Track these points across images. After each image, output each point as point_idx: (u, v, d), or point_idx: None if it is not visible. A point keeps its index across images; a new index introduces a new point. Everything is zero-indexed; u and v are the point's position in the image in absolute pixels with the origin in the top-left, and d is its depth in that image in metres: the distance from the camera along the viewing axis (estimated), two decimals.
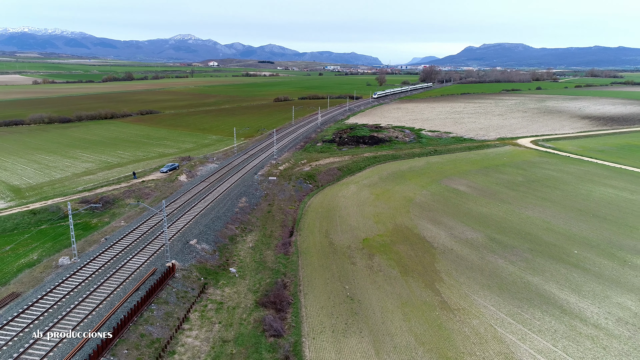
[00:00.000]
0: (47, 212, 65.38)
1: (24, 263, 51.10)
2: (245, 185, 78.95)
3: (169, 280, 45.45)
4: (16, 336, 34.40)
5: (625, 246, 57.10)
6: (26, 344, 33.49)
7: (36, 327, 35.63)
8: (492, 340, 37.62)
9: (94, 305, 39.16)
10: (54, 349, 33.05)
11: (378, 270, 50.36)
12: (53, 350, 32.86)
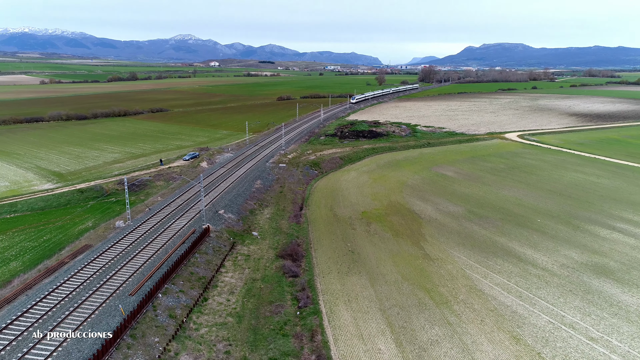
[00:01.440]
0: (93, 191, 76.62)
1: (83, 228, 62.20)
2: (259, 170, 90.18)
3: (206, 238, 56.58)
4: (100, 270, 45.51)
5: (580, 216, 68.23)
6: (108, 275, 44.59)
7: (112, 267, 46.74)
8: (461, 277, 48.71)
9: (152, 252, 50.31)
10: (129, 278, 44.14)
11: (374, 233, 61.50)
12: (131, 277, 43.99)
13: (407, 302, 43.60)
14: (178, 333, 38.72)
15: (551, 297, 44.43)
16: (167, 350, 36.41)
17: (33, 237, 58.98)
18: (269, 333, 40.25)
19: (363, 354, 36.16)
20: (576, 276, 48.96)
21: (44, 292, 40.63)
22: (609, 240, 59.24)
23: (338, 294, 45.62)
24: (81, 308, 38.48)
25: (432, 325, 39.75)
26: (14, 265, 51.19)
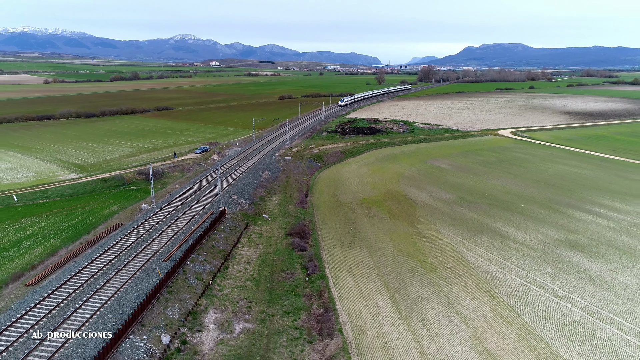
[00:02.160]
0: (115, 180, 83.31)
1: (110, 212, 68.86)
2: (266, 162, 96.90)
3: (223, 219, 63.27)
4: (134, 242, 52.21)
5: (560, 202, 74.99)
6: (142, 246, 51.29)
7: (144, 240, 53.43)
8: (449, 251, 55.44)
9: (178, 229, 57.02)
10: (161, 249, 50.83)
11: (373, 216, 68.22)
12: (162, 248, 50.70)
13: (401, 269, 50.32)
14: (206, 292, 45.45)
15: (526, 266, 51.16)
16: (198, 304, 43.14)
17: (66, 219, 65.67)
18: (282, 293, 46.98)
19: (363, 307, 42.86)
20: (550, 250, 55.71)
21: (90, 259, 47.32)
22: (584, 221, 66.03)
23: (341, 264, 52.35)
24: (124, 271, 45.18)
25: (422, 287, 46.47)
26: (54, 241, 57.85)
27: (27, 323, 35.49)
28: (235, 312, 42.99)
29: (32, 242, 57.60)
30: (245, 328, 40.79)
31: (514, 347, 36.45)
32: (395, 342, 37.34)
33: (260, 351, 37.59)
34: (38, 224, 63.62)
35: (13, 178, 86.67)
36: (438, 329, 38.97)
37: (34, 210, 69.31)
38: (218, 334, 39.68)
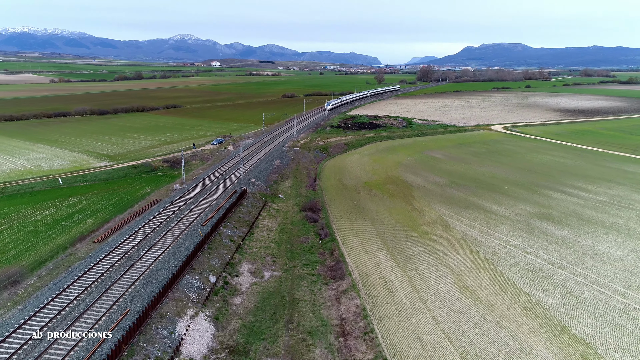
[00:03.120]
0: (143, 167, 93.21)
1: (144, 192, 78.72)
2: (276, 153, 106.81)
3: (245, 197, 73.15)
4: (174, 212, 62.12)
5: (539, 185, 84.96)
6: (182, 215, 61.16)
7: (182, 211, 63.29)
8: (439, 221, 65.33)
9: (209, 203, 66.93)
10: (197, 217, 60.74)
11: (375, 195, 78.11)
12: (199, 216, 60.61)
13: (398, 234, 60.22)
14: (238, 250, 55.36)
15: (503, 232, 61.07)
16: (233, 258, 53.04)
17: (108, 198, 75.54)
18: (301, 252, 56.89)
19: (368, 260, 52.74)
20: (525, 220, 65.64)
21: (141, 224, 57.20)
22: (557, 199, 75.98)
23: (348, 230, 62.26)
24: (172, 232, 55.07)
25: (415, 246, 56.38)
26: (102, 214, 67.69)
27: (105, 265, 45.39)
28: (263, 264, 52.91)
29: (83, 215, 67.45)
30: (273, 275, 50.70)
31: (487, 285, 46.33)
32: (393, 281, 47.24)
33: (286, 289, 47.50)
34: (84, 202, 73.48)
35: (51, 165, 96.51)
36: (427, 274, 48.88)
37: (77, 191, 79.17)
38: (252, 278, 49.60)
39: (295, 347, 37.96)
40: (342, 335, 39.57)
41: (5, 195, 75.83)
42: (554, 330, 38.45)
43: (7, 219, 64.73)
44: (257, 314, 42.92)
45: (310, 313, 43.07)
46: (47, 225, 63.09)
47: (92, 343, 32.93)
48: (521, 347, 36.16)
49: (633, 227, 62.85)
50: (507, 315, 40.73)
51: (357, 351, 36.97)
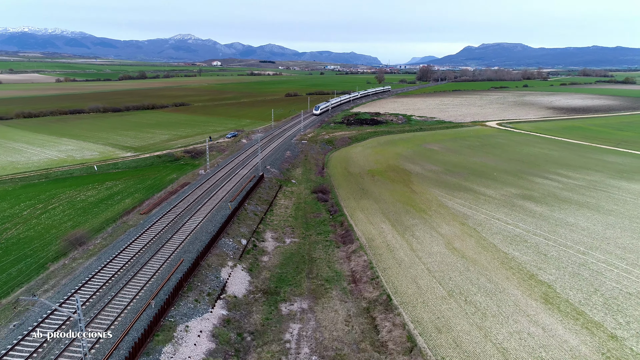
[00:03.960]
0: (167, 157, 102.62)
1: (170, 178, 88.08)
2: (287, 145, 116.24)
3: (262, 181, 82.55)
4: (204, 192, 71.51)
5: (525, 172, 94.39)
6: (211, 194, 70.57)
7: (210, 191, 72.69)
8: (434, 200, 74.72)
9: (233, 185, 76.35)
10: (225, 195, 70.14)
11: (377, 180, 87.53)
12: (226, 195, 70.00)
13: (398, 210, 69.62)
14: (262, 222, 64.79)
15: (489, 208, 70.48)
16: (258, 227, 62.46)
17: (140, 182, 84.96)
18: (315, 224, 66.31)
19: (372, 229, 62.14)
20: (509, 199, 75.06)
21: (178, 200, 66.61)
22: (539, 184, 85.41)
23: (355, 207, 71.68)
24: (205, 206, 64.51)
25: (413, 219, 65.78)
26: (138, 195, 77.07)
27: (156, 230, 54.81)
28: (284, 232, 62.34)
29: (122, 196, 76.87)
30: (293, 241, 60.13)
31: (472, 247, 55.72)
32: (394, 244, 56.67)
33: (305, 251, 56.93)
34: (120, 185, 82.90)
35: (82, 156, 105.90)
36: (423, 239, 58.30)
37: (111, 177, 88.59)
38: (275, 243, 59.04)
39: (316, 290, 47.35)
40: (353, 282, 49.00)
41: (49, 179, 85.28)
42: (523, 277, 47.87)
43: (57, 199, 74.17)
44: (283, 268, 52.35)
45: (326, 267, 52.49)
46: (92, 203, 72.52)
47: (160, 279, 42.37)
48: (496, 287, 45.58)
49: (602, 205, 72.29)
50: (487, 267, 50.15)
51: (365, 291, 46.41)
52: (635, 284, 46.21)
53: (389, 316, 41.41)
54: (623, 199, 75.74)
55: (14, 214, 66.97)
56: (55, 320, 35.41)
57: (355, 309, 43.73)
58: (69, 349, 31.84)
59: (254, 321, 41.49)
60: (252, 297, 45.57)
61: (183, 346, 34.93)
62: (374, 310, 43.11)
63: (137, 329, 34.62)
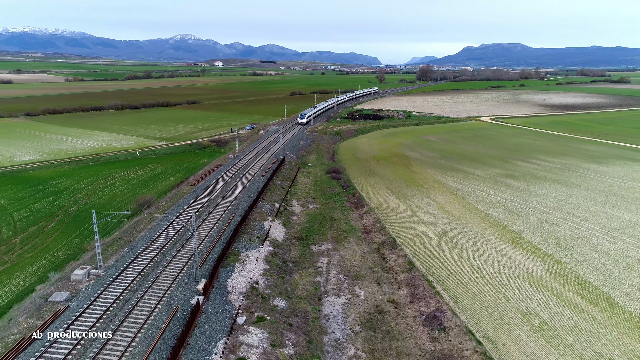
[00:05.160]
0: (196, 145, 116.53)
1: (203, 162, 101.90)
2: (300, 136, 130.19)
3: (283, 164, 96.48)
4: (238, 170, 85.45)
5: (511, 157, 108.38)
6: (244, 172, 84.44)
7: (242, 170, 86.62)
8: (431, 178, 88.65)
9: (260, 166, 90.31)
10: (256, 173, 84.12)
11: (382, 164, 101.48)
12: (257, 172, 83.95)
13: (400, 185, 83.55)
14: (288, 193, 78.74)
15: (476, 183, 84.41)
16: (286, 196, 76.44)
17: (178, 165, 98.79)
18: (331, 195, 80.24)
19: (379, 198, 76.05)
20: (493, 177, 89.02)
21: (218, 176, 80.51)
22: (521, 166, 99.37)
23: (364, 183, 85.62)
24: (242, 180, 78.47)
25: (412, 191, 79.68)
26: (179, 175, 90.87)
27: (209, 194, 68.72)
28: (307, 201, 76.32)
29: (165, 175, 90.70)
30: (314, 207, 74.09)
31: (459, 209, 69.62)
32: (397, 207, 70.60)
33: (325, 213, 70.88)
34: (161, 167, 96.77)
35: (120, 144, 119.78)
36: (420, 204, 72.25)
37: (152, 161, 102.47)
38: (301, 208, 72.99)
39: (337, 237, 61.29)
40: (365, 232, 62.96)
41: (100, 162, 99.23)
42: (498, 227, 61.81)
43: (112, 177, 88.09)
44: (309, 223, 66.30)
45: (343, 223, 66.46)
46: (142, 181, 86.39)
47: (222, 224, 56.33)
48: (476, 234, 59.51)
49: (571, 181, 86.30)
50: (470, 222, 64.09)
51: (375, 237, 60.36)
52: (583, 232, 60.17)
53: (394, 251, 55.38)
54: (589, 177, 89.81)
55: (82, 188, 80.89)
56: (174, 231, 49.41)
57: (368, 248, 57.70)
58: (186, 245, 45.88)
59: (293, 255, 55.46)
60: (289, 241, 59.53)
61: (247, 265, 48.91)
62: (382, 248, 57.10)
63: (215, 251, 48.62)
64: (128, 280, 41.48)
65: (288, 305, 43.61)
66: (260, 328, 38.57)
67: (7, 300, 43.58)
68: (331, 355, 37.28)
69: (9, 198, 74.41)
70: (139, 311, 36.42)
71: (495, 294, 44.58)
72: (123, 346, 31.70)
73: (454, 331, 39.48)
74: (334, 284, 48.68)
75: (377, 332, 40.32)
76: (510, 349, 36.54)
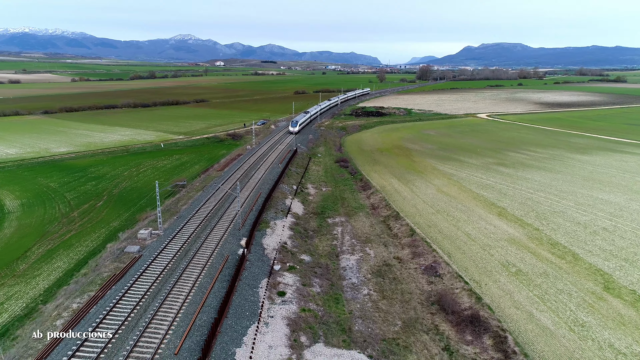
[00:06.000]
0: (214, 138, 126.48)
1: (222, 153, 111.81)
2: (308, 130, 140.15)
3: (296, 154, 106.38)
4: (257, 158, 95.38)
5: (503, 149, 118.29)
6: (263, 160, 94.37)
7: (262, 158, 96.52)
8: (429, 166, 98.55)
9: (276, 155, 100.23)
10: (273, 160, 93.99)
11: (385, 154, 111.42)
12: (274, 160, 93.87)
13: (402, 172, 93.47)
14: (302, 177, 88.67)
15: (470, 170, 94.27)
16: (301, 180, 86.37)
17: (199, 156, 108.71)
18: (341, 180, 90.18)
19: (384, 182, 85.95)
20: (486, 165, 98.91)
21: (241, 163, 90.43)
22: (512, 156, 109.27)
23: (370, 170, 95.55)
24: (262, 166, 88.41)
25: (413, 176, 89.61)
26: (202, 163, 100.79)
27: (236, 177, 78.68)
28: (320, 184, 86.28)
29: (190, 164, 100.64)
30: (327, 189, 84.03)
31: (455, 190, 79.50)
32: (400, 189, 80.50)
33: (337, 194, 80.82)
34: (185, 157, 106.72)
35: (144, 138, 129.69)
36: (420, 186, 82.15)
37: (176, 152, 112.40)
38: (315, 190, 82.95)
39: (348, 212, 71.21)
40: (372, 209, 72.89)
41: (130, 153, 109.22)
42: (487, 204, 71.71)
43: (143, 165, 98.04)
44: (323, 202, 76.22)
45: (353, 202, 76.39)
46: (171, 168, 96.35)
47: (252, 200, 66.31)
48: (468, 209, 69.40)
49: (555, 168, 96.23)
50: (463, 200, 74.00)
51: (381, 212, 70.30)
52: (560, 207, 70.06)
53: (398, 222, 65.32)
54: (572, 164, 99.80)
55: (118, 174, 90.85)
56: (212, 205, 59.36)
57: (375, 220, 67.65)
58: (226, 214, 55.85)
59: (312, 225, 65.41)
60: (307, 215, 69.45)
61: (276, 230, 58.86)
62: (388, 220, 67.05)
63: (250, 219, 58.60)
64: (184, 238, 51.37)
65: (312, 260, 53.53)
66: (292, 273, 48.50)
67: (83, 255, 53.57)
68: (349, 294, 47.19)
69: (58, 182, 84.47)
70: (199, 258, 46.36)
71: (481, 251, 54.51)
72: (194, 277, 41.64)
73: (447, 276, 49.41)
74: (348, 246, 58.61)
75: (385, 279, 50.24)
76: (491, 287, 46.46)
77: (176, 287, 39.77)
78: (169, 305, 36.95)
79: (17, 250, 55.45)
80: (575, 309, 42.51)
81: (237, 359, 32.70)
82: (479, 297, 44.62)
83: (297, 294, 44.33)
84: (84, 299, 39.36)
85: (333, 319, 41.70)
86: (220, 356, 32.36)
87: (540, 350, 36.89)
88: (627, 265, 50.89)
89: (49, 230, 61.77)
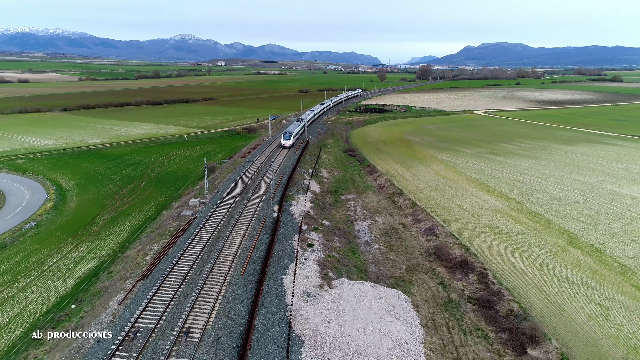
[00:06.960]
0: (231, 132, 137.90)
1: (240, 144, 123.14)
2: (317, 125, 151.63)
3: (309, 144, 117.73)
4: (274, 149, 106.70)
5: (496, 141, 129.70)
6: (279, 151, 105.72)
7: (275, 152, 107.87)
8: (429, 155, 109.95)
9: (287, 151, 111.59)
10: (290, 149, 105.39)
11: (388, 145, 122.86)
12: (290, 149, 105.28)
13: (404, 159, 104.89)
14: (316, 164, 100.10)
15: (465, 158, 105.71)
16: (315, 166, 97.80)
17: (220, 147, 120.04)
18: (350, 166, 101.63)
19: (388, 167, 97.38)
20: (479, 154, 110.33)
21: (261, 152, 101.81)
22: (503, 147, 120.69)
23: (375, 158, 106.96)
24: (280, 155, 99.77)
25: (415, 163, 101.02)
26: (224, 153, 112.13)
27: (259, 162, 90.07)
28: (331, 169, 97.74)
29: (214, 153, 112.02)
30: (338, 173, 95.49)
31: (450, 173, 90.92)
32: (403, 173, 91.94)
33: (348, 177, 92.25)
34: (208, 148, 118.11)
35: (166, 131, 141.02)
36: (420, 170, 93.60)
37: (198, 143, 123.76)
38: (328, 174, 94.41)
39: (358, 191, 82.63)
40: (379, 188, 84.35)
41: (158, 144, 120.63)
42: (478, 184, 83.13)
43: (172, 154, 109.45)
44: (336, 183, 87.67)
45: (362, 183, 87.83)
46: (197, 156, 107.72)
47: (276, 179, 77.77)
48: (461, 187, 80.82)
49: (541, 156, 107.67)
50: (457, 181, 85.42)
51: (387, 190, 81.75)
52: (541, 186, 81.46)
53: (401, 197, 76.79)
54: (557, 153, 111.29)
55: (152, 161, 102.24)
56: (244, 183, 70.77)
57: (382, 197, 79.10)
58: (257, 188, 67.30)
59: (328, 200, 76.87)
60: (323, 192, 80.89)
61: (299, 202, 70.31)
62: (393, 197, 78.53)
63: (278, 192, 70.04)
64: (228, 205, 62.79)
65: (331, 224, 64.96)
66: (317, 233, 59.93)
67: (142, 221, 64.95)
68: (363, 247, 58.63)
69: (101, 167, 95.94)
70: (244, 217, 57.82)
71: (471, 218, 65.96)
72: (243, 230, 53.09)
73: (442, 235, 60.87)
74: (360, 215, 70.05)
75: (392, 238, 61.69)
76: (477, 242, 57.87)
77: (232, 236, 51.22)
78: (229, 246, 48.42)
79: (86, 218, 66.90)
80: (543, 256, 53.94)
81: (285, 282, 44.17)
82: (467, 248, 56.08)
83: (322, 246, 55.74)
84: (160, 244, 50.77)
85: (352, 263, 53.18)
86: (272, 279, 43.82)
87: (512, 282, 48.31)
88: (590, 227, 62.33)
89: (107, 204, 73.20)
